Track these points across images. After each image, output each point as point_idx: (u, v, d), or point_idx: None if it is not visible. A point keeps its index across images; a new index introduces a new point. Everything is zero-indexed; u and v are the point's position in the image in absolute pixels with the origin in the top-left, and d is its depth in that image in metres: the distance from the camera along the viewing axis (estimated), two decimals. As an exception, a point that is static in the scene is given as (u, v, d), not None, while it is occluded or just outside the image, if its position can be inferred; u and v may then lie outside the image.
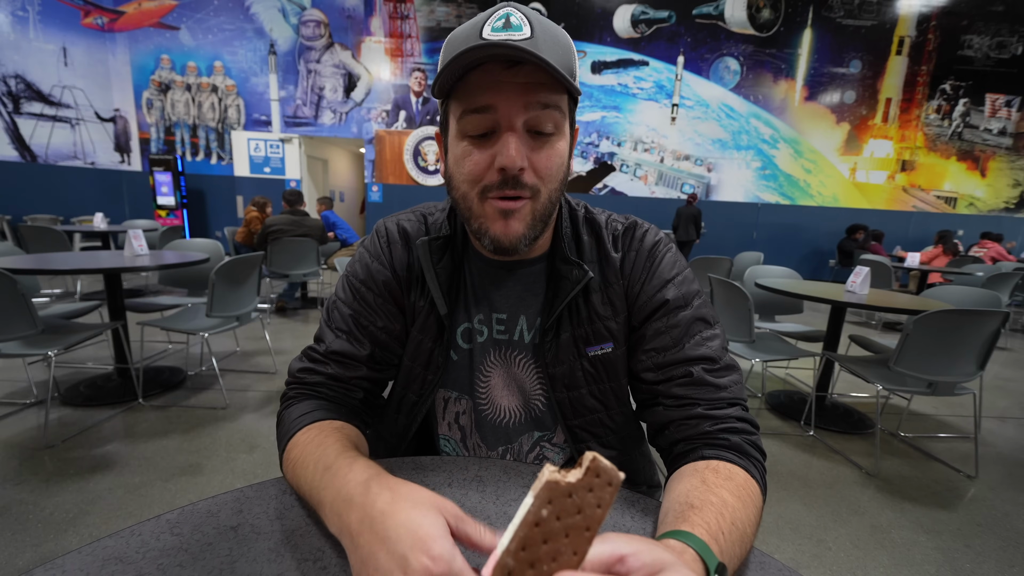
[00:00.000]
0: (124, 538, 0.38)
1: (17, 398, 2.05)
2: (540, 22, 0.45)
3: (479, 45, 0.42)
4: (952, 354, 1.64)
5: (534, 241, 0.51)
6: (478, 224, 0.50)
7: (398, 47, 6.81)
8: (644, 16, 6.74)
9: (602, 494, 0.23)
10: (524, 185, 0.47)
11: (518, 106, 0.45)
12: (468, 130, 0.46)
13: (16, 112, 6.25)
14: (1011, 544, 1.43)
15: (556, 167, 0.48)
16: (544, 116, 0.46)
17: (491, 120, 0.45)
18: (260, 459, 1.69)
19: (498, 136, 0.46)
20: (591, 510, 0.22)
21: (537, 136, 0.47)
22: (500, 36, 0.43)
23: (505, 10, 0.45)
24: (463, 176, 0.48)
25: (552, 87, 0.45)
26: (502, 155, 0.45)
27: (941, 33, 6.74)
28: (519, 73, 0.44)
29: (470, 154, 0.47)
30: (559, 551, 0.22)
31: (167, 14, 6.66)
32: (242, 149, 7.00)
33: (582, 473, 0.22)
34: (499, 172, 0.46)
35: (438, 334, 0.58)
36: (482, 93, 0.45)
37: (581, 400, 0.58)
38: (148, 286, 4.53)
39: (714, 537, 0.35)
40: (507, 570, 0.22)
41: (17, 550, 1.20)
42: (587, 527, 0.23)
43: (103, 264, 2.01)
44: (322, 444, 0.45)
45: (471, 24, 0.46)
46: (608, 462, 0.23)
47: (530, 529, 0.22)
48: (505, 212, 0.48)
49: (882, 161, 7.10)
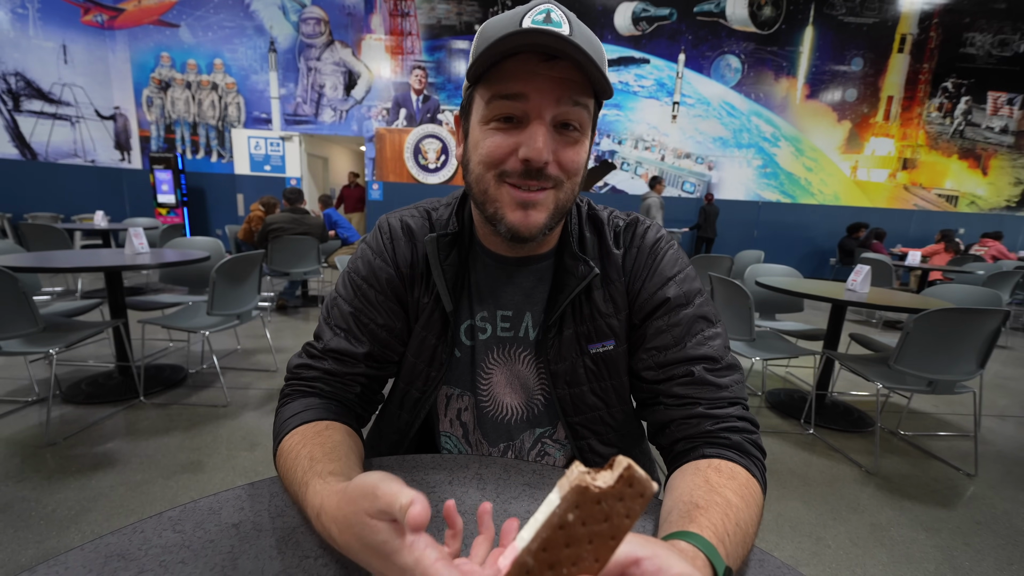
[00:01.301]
0: (126, 535, 0.38)
1: (19, 396, 2.05)
2: (578, 23, 0.45)
3: (523, 31, 0.41)
4: (952, 353, 1.64)
5: (549, 232, 0.51)
6: (493, 209, 0.49)
7: (398, 45, 6.79)
8: (645, 13, 6.72)
9: (632, 505, 0.22)
10: (548, 177, 0.47)
11: (550, 99, 0.44)
12: (496, 114, 0.46)
13: (16, 110, 6.25)
14: (1010, 542, 1.43)
15: (581, 163, 0.49)
16: (573, 113, 0.46)
17: (520, 108, 0.45)
18: (261, 457, 1.69)
19: (525, 126, 0.46)
20: (619, 519, 0.22)
21: (563, 131, 0.47)
22: (540, 28, 0.43)
23: (545, 6, 0.45)
24: (480, 157, 0.48)
25: (584, 88, 0.45)
26: (528, 147, 0.45)
27: (943, 31, 6.71)
28: (555, 67, 0.44)
29: (492, 136, 0.47)
30: (581, 556, 0.22)
31: (167, 11, 6.64)
32: (242, 147, 6.99)
33: (614, 480, 0.21)
34: (523, 162, 0.46)
35: (442, 331, 0.58)
36: (516, 80, 0.44)
37: (582, 397, 0.58)
38: (149, 284, 4.54)
39: (720, 539, 0.35)
40: (526, 568, 0.21)
41: (20, 547, 1.21)
42: (612, 536, 0.22)
43: (104, 262, 2.01)
44: (296, 462, 0.43)
45: (509, 15, 0.45)
46: (642, 472, 0.22)
47: (554, 531, 0.21)
48: (525, 203, 0.47)
49: (883, 159, 7.08)
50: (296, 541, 0.40)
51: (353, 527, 0.31)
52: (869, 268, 2.17)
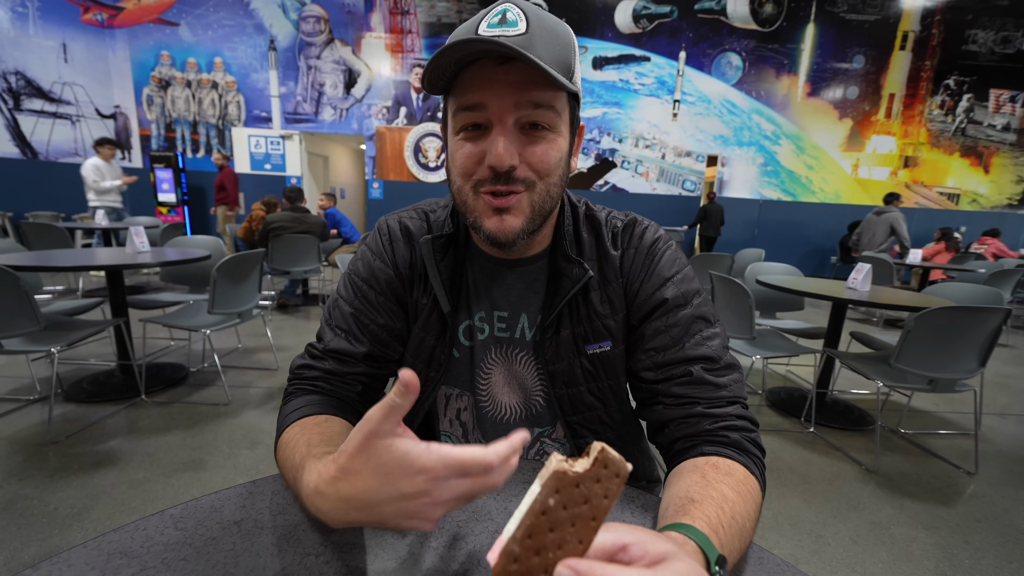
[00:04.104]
0: (128, 533, 0.39)
1: (21, 394, 2.06)
2: (539, 17, 0.44)
3: (467, 40, 0.41)
4: (953, 351, 1.64)
5: (532, 235, 0.50)
6: (473, 218, 0.50)
7: (398, 43, 6.77)
8: (646, 11, 6.70)
9: (609, 485, 0.23)
10: (517, 180, 0.47)
11: (508, 104, 0.44)
12: (462, 124, 0.47)
13: (17, 109, 6.25)
14: (1010, 540, 1.43)
15: (553, 161, 0.47)
16: (535, 115, 0.45)
17: (483, 116, 0.45)
18: (262, 455, 1.70)
19: (488, 133, 0.46)
20: (598, 500, 0.23)
21: (531, 131, 0.46)
22: (494, 32, 0.42)
23: (503, 6, 0.44)
24: (457, 170, 0.48)
25: (546, 85, 0.44)
26: (490, 153, 0.45)
27: (945, 28, 6.69)
28: (511, 71, 0.43)
29: (463, 147, 0.47)
30: (565, 539, 0.23)
31: (167, 10, 6.63)
32: (243, 146, 6.99)
33: (590, 463, 0.22)
34: (489, 169, 0.46)
35: (441, 332, 0.58)
36: (473, 90, 0.45)
37: (580, 397, 0.58)
38: (150, 283, 4.55)
39: (714, 530, 0.36)
40: (513, 556, 0.22)
41: (23, 544, 1.22)
42: (593, 517, 0.23)
43: (105, 261, 2.02)
44: (294, 450, 0.43)
45: (471, 20, 0.46)
46: (616, 453, 0.23)
47: (537, 517, 0.22)
48: (498, 209, 0.47)
49: (885, 157, 7.06)
50: (297, 539, 0.40)
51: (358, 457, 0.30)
52: (870, 267, 2.17)
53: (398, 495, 0.30)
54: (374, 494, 0.30)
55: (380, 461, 0.29)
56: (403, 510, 0.30)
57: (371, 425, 0.29)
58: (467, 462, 0.29)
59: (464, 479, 0.29)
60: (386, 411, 0.28)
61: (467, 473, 0.29)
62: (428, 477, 0.29)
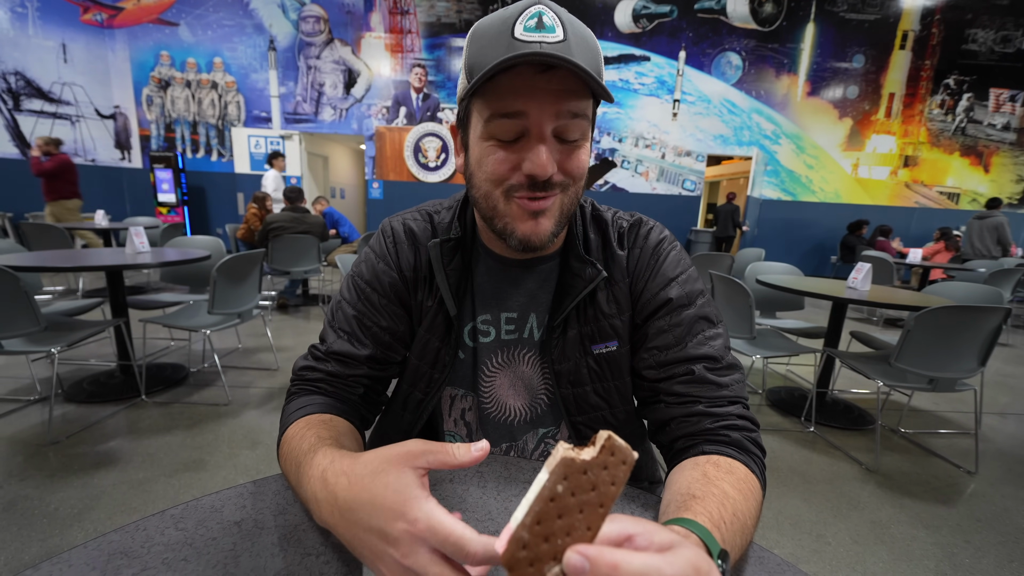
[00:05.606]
0: (129, 533, 0.39)
1: (21, 395, 2.06)
2: (571, 23, 0.43)
3: (515, 51, 0.40)
4: (953, 350, 1.64)
5: (556, 236, 0.51)
6: (503, 224, 0.49)
7: (398, 43, 6.77)
8: (645, 11, 6.70)
9: (616, 472, 0.23)
10: (553, 185, 0.47)
11: (549, 114, 0.44)
12: (496, 133, 0.45)
13: (16, 109, 6.24)
14: (1010, 540, 1.43)
15: (585, 167, 0.49)
16: (573, 125, 0.45)
17: (520, 125, 0.45)
18: (262, 455, 1.70)
19: (527, 141, 0.45)
20: (605, 487, 0.23)
21: (564, 141, 0.46)
22: (533, 36, 0.41)
23: (537, 8, 0.43)
24: (486, 175, 0.48)
25: (582, 93, 0.44)
26: (532, 163, 0.44)
27: (945, 27, 6.68)
28: (552, 79, 0.43)
29: (494, 153, 0.46)
30: (573, 526, 0.23)
31: (166, 10, 6.63)
32: (242, 146, 6.98)
33: (597, 451, 0.23)
34: (527, 176, 0.46)
35: (446, 333, 0.58)
36: (514, 98, 0.43)
37: (585, 397, 0.58)
38: (150, 283, 4.55)
39: (716, 525, 0.36)
40: (522, 543, 0.22)
41: (23, 544, 1.22)
42: (601, 504, 0.23)
43: (105, 261, 2.02)
44: (302, 439, 0.44)
45: (500, 19, 0.44)
46: (622, 441, 0.23)
47: (545, 504, 0.22)
48: (535, 212, 0.47)
49: (885, 157, 7.06)
50: (298, 539, 0.40)
51: (376, 473, 0.31)
52: (870, 266, 2.17)
53: (376, 528, 0.30)
54: (359, 513, 0.31)
55: (385, 481, 0.30)
56: (373, 546, 0.30)
57: (409, 449, 0.30)
58: (450, 536, 0.27)
59: (436, 561, 0.28)
60: (429, 450, 0.30)
61: (443, 546, 0.27)
62: (408, 529, 0.28)
